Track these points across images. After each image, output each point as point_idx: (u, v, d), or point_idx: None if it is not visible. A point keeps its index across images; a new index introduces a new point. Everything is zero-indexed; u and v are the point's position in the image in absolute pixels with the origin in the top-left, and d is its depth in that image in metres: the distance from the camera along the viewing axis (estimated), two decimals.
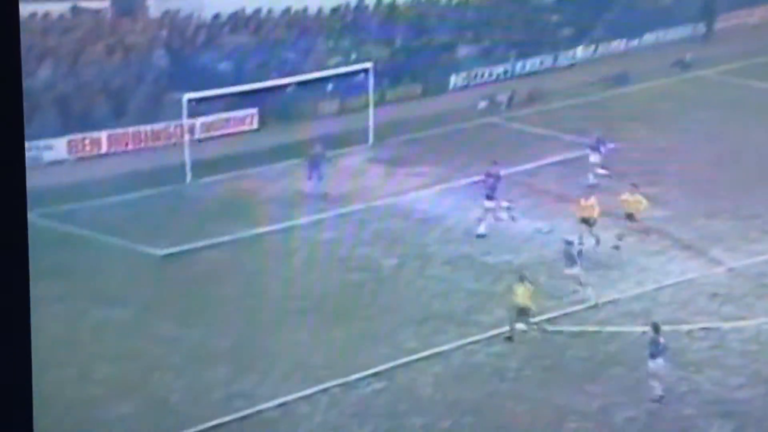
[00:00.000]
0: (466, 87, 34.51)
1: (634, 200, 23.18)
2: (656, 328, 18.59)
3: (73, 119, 29.40)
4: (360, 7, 36.88)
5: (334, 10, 36.29)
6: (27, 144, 28.75)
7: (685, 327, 20.49)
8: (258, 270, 22.52)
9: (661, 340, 18.35)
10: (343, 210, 25.60)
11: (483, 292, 21.72)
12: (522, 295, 20.13)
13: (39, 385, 14.53)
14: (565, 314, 20.83)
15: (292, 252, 23.41)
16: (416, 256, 22.68)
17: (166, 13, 34.19)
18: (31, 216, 17.32)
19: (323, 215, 25.23)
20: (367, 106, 30.86)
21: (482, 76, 34.95)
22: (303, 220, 24.96)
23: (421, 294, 21.19)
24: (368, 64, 31.22)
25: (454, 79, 34.67)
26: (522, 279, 20.41)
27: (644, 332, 19.49)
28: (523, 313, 20.04)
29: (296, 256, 23.31)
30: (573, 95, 33.51)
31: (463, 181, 26.95)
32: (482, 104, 32.87)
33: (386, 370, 19.00)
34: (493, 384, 18.82)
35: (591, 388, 18.46)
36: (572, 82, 34.59)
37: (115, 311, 20.47)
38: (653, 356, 18.23)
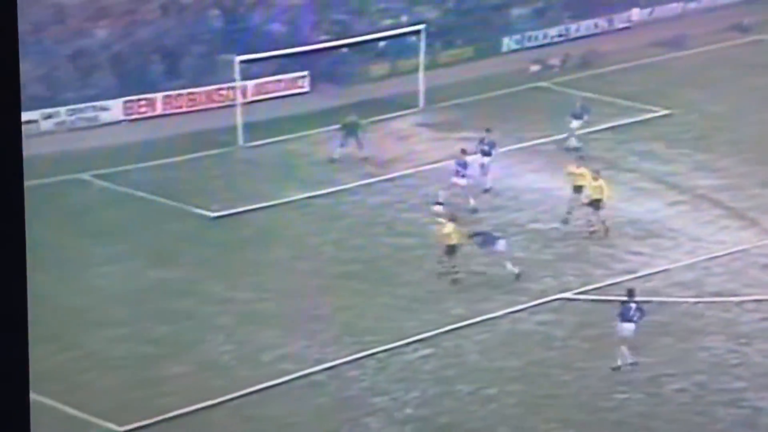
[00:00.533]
0: (518, 50, 34.34)
1: (579, 173, 22.50)
2: (630, 294, 18.42)
3: (129, 80, 29.59)
4: None
5: None
6: (83, 105, 29.25)
7: (737, 298, 20.24)
8: (307, 233, 22.65)
9: (633, 305, 18.13)
10: (390, 174, 25.57)
11: (531, 260, 21.55)
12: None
13: (94, 344, 14.96)
14: (614, 284, 20.61)
15: (341, 216, 23.52)
16: (464, 222, 22.56)
17: None
18: (87, 176, 17.43)
19: (371, 180, 25.35)
20: (417, 69, 30.77)
21: (535, 38, 34.66)
22: (351, 184, 25.05)
23: (468, 260, 21.14)
24: (420, 26, 31.09)
25: (507, 42, 34.44)
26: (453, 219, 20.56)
27: (696, 302, 19.30)
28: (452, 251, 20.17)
29: (344, 220, 23.41)
30: (627, 59, 32.92)
31: (513, 147, 26.82)
32: (534, 68, 32.50)
33: (433, 336, 18.96)
34: (540, 352, 18.69)
35: (640, 359, 18.29)
36: (627, 45, 33.88)
37: (168, 272, 20.75)
38: (625, 320, 18.01)
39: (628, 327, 18.01)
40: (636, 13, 36.10)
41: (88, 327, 18.76)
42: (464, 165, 23.74)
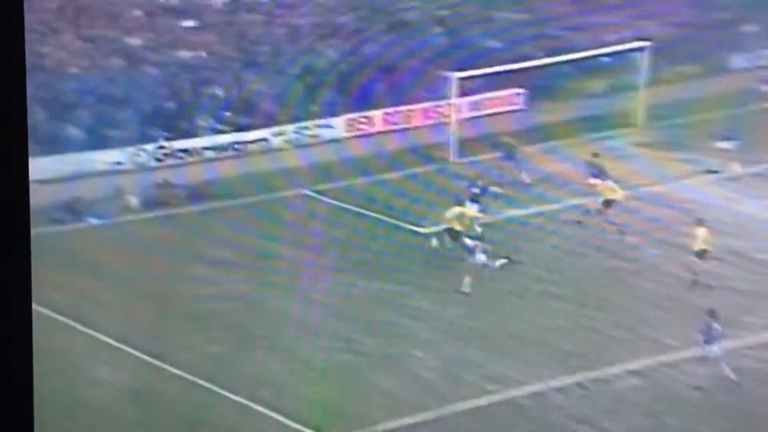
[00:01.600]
0: (748, 69, 32.79)
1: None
2: (712, 314, 17.78)
3: (351, 97, 30.09)
4: None
5: None
6: (309, 123, 30.19)
7: None
8: (515, 252, 22.38)
9: (715, 326, 17.61)
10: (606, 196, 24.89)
11: (754, 292, 20.48)
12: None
13: (305, 352, 15.33)
14: None
15: (551, 235, 23.12)
16: (681, 248, 21.46)
17: None
18: (308, 191, 17.93)
19: (585, 199, 24.72)
20: (638, 86, 30.07)
21: (767, 57, 33.16)
22: (566, 203, 24.55)
23: (683, 288, 20.22)
24: (644, 43, 30.09)
25: (736, 60, 33.03)
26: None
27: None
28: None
29: (555, 239, 23.01)
30: None
31: (740, 171, 25.59)
32: (765, 87, 31.14)
33: (644, 366, 18.25)
34: (762, 391, 17.64)
35: None
36: None
37: (379, 285, 20.97)
38: (707, 342, 17.64)
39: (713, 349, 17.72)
40: None
41: (301, 335, 19.17)
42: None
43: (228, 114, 28.63)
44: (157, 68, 29.02)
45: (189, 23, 30.82)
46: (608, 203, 23.29)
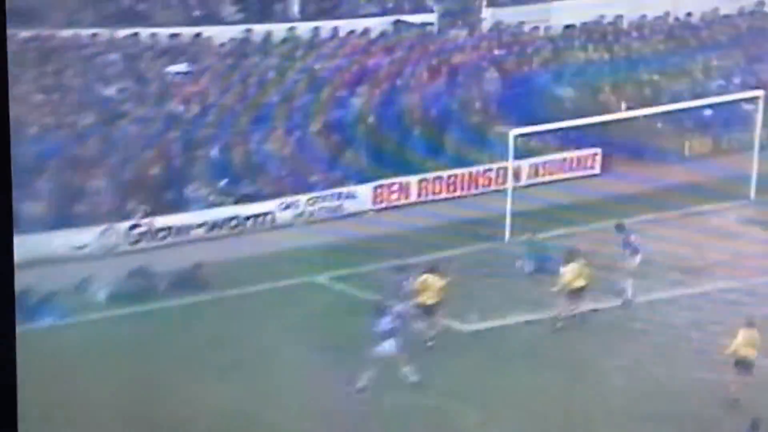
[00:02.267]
0: None
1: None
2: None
3: (380, 160, 30.70)
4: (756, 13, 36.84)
5: (726, 17, 36.30)
6: (327, 192, 29.62)
7: None
8: (587, 353, 22.68)
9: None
10: (705, 287, 25.54)
11: None
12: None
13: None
14: None
15: (633, 334, 23.38)
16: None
17: (499, 24, 35.63)
18: (323, 279, 18.56)
19: (678, 292, 25.20)
20: (750, 146, 30.44)
21: None
22: (651, 296, 25.03)
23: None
24: (760, 92, 30.48)
25: None
26: None
27: None
28: None
29: (638, 339, 23.26)
30: None
31: None
32: None
33: None
34: None
35: None
36: None
37: (408, 395, 21.45)
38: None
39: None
40: None
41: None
42: None
43: (225, 182, 29.29)
44: (137, 125, 29.31)
45: (179, 68, 31.58)
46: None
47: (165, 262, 25.93)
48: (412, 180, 30.59)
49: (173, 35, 32.10)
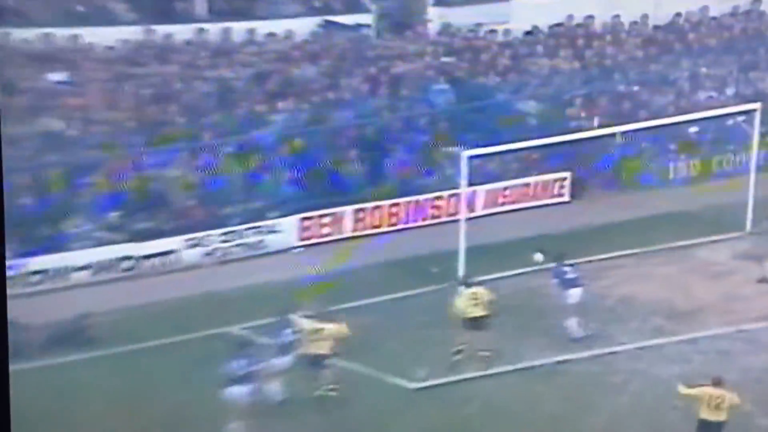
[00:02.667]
0: None
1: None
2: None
3: (309, 187, 30.55)
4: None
5: (716, 18, 36.50)
6: (243, 227, 29.08)
7: None
8: (553, 409, 22.67)
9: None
10: (691, 333, 25.52)
11: None
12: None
13: None
14: None
15: (610, 388, 23.55)
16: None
17: (449, 27, 35.52)
18: (237, 330, 18.12)
19: (661, 340, 25.16)
20: (745, 169, 30.81)
21: None
22: (629, 345, 24.92)
23: None
24: (755, 105, 30.41)
25: None
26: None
27: None
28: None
29: (616, 393, 23.38)
30: None
31: None
32: None
33: None
34: None
35: None
36: None
37: None
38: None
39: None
40: None
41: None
42: None
43: (116, 215, 28.84)
44: (7, 146, 29.40)
45: (59, 77, 31.16)
46: None
47: (35, 313, 24.89)
48: (347, 211, 30.41)
49: (47, 35, 31.59)
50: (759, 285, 27.55)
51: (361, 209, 30.63)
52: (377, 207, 30.73)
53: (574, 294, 25.21)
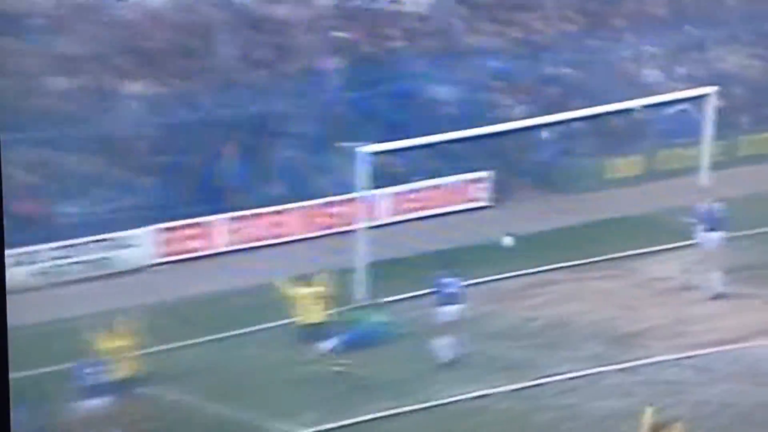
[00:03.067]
0: None
1: None
2: None
3: (170, 192, 30.09)
4: None
5: None
6: (84, 240, 28.65)
7: None
8: None
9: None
10: (635, 361, 25.70)
11: None
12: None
13: None
14: None
15: (540, 423, 23.86)
16: None
17: None
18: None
19: (601, 368, 25.43)
20: (697, 167, 30.78)
21: None
22: (564, 375, 25.19)
23: None
24: (710, 89, 30.67)
25: None
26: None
27: None
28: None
29: (550, 429, 23.68)
30: None
31: None
32: None
33: None
34: None
35: None
36: None
37: None
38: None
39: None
40: None
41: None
42: None
43: None
44: None
45: None
46: None
47: None
48: (218, 220, 30.12)
49: None
50: (713, 302, 27.81)
51: (237, 218, 30.21)
52: (257, 215, 30.37)
53: (450, 312, 25.29)
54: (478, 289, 28.05)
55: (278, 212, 30.65)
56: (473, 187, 32.17)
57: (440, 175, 31.97)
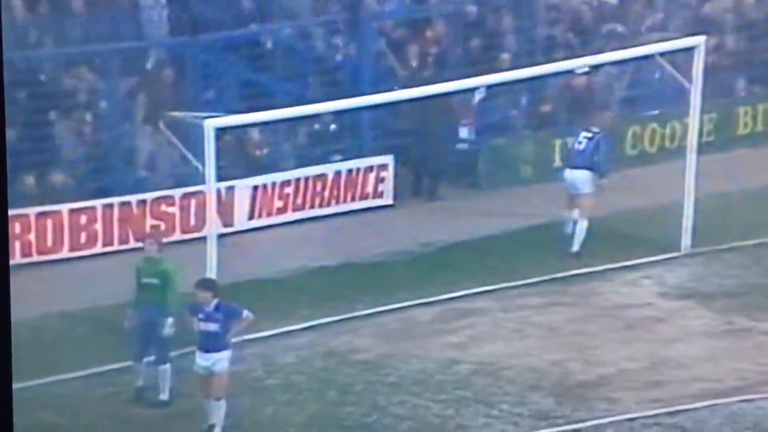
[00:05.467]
0: None
1: None
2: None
3: None
4: None
5: None
6: None
7: None
8: None
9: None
10: (598, 417, 26.21)
11: None
12: None
13: None
14: None
15: None
16: None
17: None
18: None
19: (551, 428, 25.85)
20: (680, 150, 31.60)
21: None
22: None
23: None
24: (699, 39, 31.03)
25: None
26: None
27: None
28: None
29: None
30: None
31: None
32: None
33: None
34: None
35: None
36: None
37: None
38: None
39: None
40: None
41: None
42: None
43: None
44: None
45: None
46: None
47: None
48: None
49: None
50: (701, 339, 28.35)
51: (21, 216, 29.80)
52: (43, 214, 30.37)
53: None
54: (375, 321, 28.70)
55: (80, 210, 30.70)
56: (371, 177, 32.48)
57: (323, 162, 32.18)
